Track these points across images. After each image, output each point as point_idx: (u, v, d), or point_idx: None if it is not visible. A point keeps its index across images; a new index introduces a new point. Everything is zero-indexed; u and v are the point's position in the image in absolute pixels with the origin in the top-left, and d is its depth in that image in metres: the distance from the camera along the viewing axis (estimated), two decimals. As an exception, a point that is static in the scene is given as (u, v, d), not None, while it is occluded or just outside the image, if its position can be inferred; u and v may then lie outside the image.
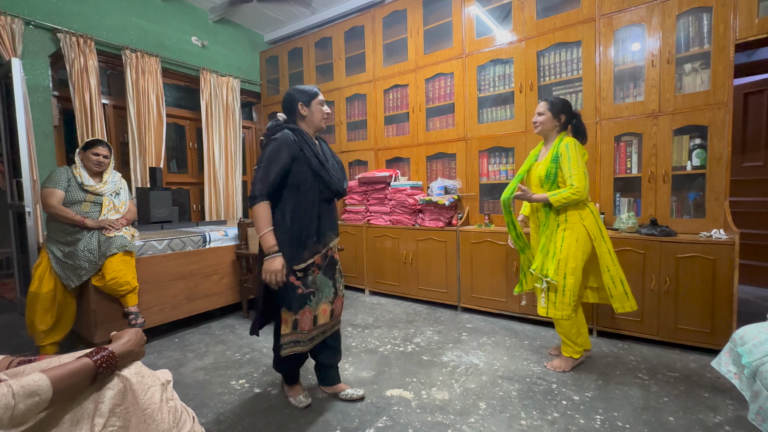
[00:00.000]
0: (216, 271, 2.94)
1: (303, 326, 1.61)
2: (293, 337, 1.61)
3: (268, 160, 1.56)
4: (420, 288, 3.30)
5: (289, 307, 1.58)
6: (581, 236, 1.95)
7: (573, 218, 1.96)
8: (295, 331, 1.60)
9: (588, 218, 1.97)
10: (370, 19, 3.74)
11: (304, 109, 1.65)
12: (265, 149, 1.60)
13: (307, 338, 1.64)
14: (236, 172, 4.36)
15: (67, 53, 3.08)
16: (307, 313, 1.61)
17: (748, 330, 1.27)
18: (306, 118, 1.67)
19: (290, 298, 1.58)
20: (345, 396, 1.83)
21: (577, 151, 1.94)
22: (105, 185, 2.40)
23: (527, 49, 2.90)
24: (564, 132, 2.07)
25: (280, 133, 1.61)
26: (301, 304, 1.60)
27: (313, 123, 1.68)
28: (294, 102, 1.65)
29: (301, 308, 1.60)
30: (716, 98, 2.29)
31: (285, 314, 1.59)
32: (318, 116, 1.67)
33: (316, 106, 1.67)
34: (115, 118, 3.67)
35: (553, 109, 2.03)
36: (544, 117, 2.04)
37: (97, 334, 2.29)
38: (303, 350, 1.64)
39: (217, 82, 4.16)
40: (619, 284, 1.97)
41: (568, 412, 1.71)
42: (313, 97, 1.66)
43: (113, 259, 2.20)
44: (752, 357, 1.17)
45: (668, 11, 2.40)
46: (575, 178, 1.89)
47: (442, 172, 3.51)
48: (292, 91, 1.66)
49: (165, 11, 3.88)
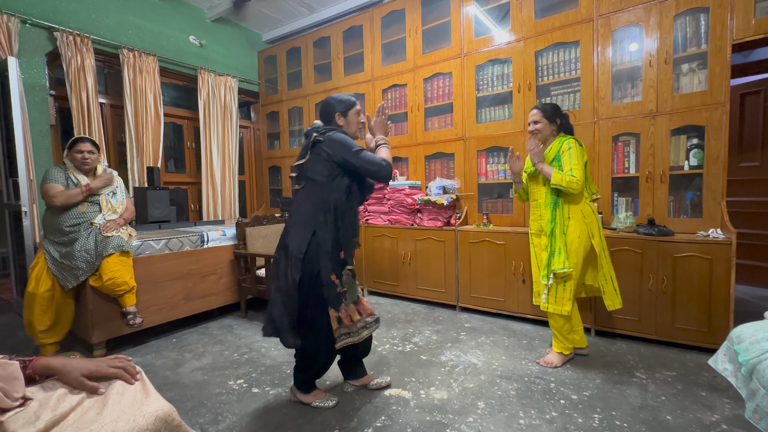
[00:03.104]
0: (214, 271, 2.93)
1: (346, 322, 1.65)
2: (343, 330, 1.65)
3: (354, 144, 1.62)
4: (418, 288, 3.30)
5: (333, 304, 1.62)
6: (583, 233, 2.01)
7: (576, 215, 2.02)
8: (341, 325, 1.64)
9: (589, 216, 2.03)
10: (368, 19, 3.74)
11: (341, 119, 1.71)
12: (331, 142, 1.61)
13: (355, 329, 1.67)
14: (234, 172, 4.35)
15: (64, 52, 3.07)
16: (344, 310, 1.65)
17: (745, 328, 1.28)
18: (342, 128, 1.71)
19: (333, 296, 1.62)
20: (374, 385, 1.92)
21: (577, 151, 2.00)
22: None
23: (525, 49, 2.90)
24: (562, 133, 2.12)
25: (334, 131, 1.65)
26: (340, 301, 1.64)
27: (348, 132, 1.72)
28: (332, 111, 1.70)
29: (340, 305, 1.64)
30: (713, 98, 2.30)
31: (331, 312, 1.62)
32: (354, 126, 1.73)
33: (353, 117, 1.72)
34: (112, 118, 3.65)
35: (547, 115, 2.09)
36: (541, 125, 2.09)
37: (95, 335, 2.28)
38: (354, 341, 1.67)
39: (215, 82, 4.15)
40: (610, 282, 2.06)
41: (567, 412, 1.72)
42: (351, 107, 1.72)
43: (110, 259, 2.18)
44: (749, 355, 1.18)
45: (666, 12, 2.41)
46: (575, 171, 1.95)
47: (440, 172, 3.52)
48: (330, 100, 1.72)
49: (163, 10, 3.87)
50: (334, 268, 1.61)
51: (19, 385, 0.81)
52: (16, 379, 0.81)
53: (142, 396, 0.87)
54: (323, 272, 1.59)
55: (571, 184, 1.94)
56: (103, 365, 0.89)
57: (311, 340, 1.68)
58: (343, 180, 1.64)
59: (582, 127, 2.70)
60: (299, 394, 1.81)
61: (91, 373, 0.88)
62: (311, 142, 1.65)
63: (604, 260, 2.05)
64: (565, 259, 1.97)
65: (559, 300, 2.01)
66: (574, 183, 1.94)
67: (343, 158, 1.60)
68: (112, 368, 0.89)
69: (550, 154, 2.07)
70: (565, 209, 2.03)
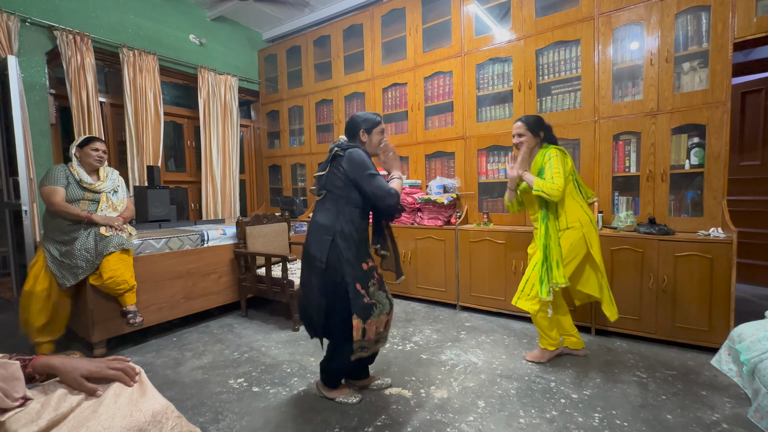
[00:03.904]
0: (214, 270, 2.93)
1: (369, 335, 1.67)
2: (361, 344, 1.67)
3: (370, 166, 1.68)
4: (419, 287, 3.30)
5: (359, 314, 1.63)
6: (576, 242, 2.02)
7: (574, 224, 2.03)
8: (363, 339, 1.65)
9: (587, 226, 2.04)
10: (368, 18, 3.73)
11: (365, 135, 1.78)
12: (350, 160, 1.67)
13: (372, 343, 1.71)
14: (234, 171, 4.34)
15: (64, 51, 3.06)
16: (372, 323, 1.66)
17: (746, 327, 1.28)
18: (365, 144, 1.79)
19: (359, 306, 1.62)
20: (376, 386, 1.95)
21: (559, 159, 2.00)
22: (103, 183, 2.39)
23: (526, 48, 2.89)
24: (545, 144, 2.12)
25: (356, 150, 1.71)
26: (368, 314, 1.65)
27: (370, 149, 1.80)
28: (357, 128, 1.78)
29: (369, 318, 1.65)
30: (714, 97, 2.29)
31: (356, 321, 1.63)
32: (375, 143, 1.80)
33: (376, 135, 1.79)
34: (112, 117, 3.65)
35: (531, 127, 2.10)
36: (525, 138, 2.10)
37: (95, 333, 2.28)
38: (366, 355, 1.72)
39: (215, 81, 4.15)
40: (606, 291, 2.09)
41: (567, 411, 1.71)
42: (375, 125, 1.79)
43: (110, 258, 2.18)
44: (750, 354, 1.18)
45: (667, 10, 2.40)
46: (555, 178, 1.96)
47: (440, 171, 3.51)
48: (356, 118, 1.80)
49: (162, 9, 3.86)
50: (358, 278, 1.64)
51: (19, 385, 0.81)
52: (17, 379, 0.81)
53: (139, 394, 0.87)
54: (347, 279, 1.63)
55: (551, 191, 1.95)
56: (102, 366, 0.89)
57: (335, 342, 1.75)
58: (356, 194, 1.70)
59: (582, 126, 2.69)
60: (324, 390, 1.86)
61: (91, 374, 0.87)
62: (332, 155, 1.74)
63: (601, 269, 2.07)
64: (564, 272, 1.98)
65: (534, 299, 2.04)
66: (554, 190, 1.94)
67: (355, 178, 1.67)
68: (111, 370, 0.89)
69: (535, 166, 2.09)
70: (561, 220, 2.05)
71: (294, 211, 4.15)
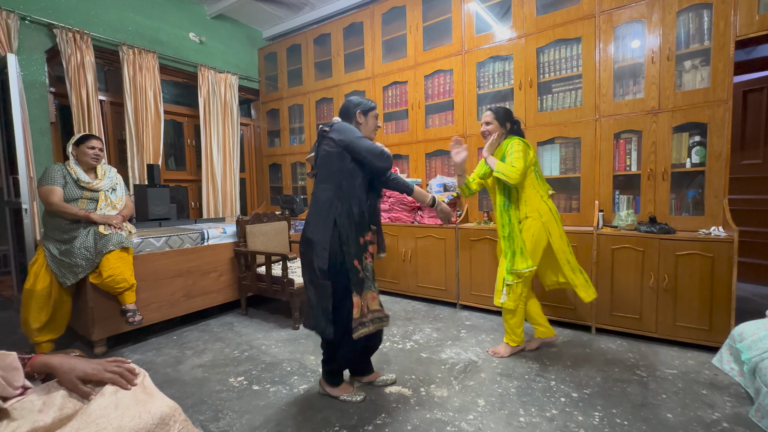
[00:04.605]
0: (214, 268, 2.93)
1: (365, 310, 1.69)
2: (360, 321, 1.67)
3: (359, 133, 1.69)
4: (419, 285, 3.30)
5: (357, 289, 1.66)
6: (537, 232, 2.09)
7: (533, 215, 2.10)
8: (362, 314, 1.67)
9: (546, 215, 2.10)
10: (369, 16, 3.72)
11: (361, 117, 1.80)
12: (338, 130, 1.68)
13: (369, 320, 1.71)
14: (234, 170, 4.34)
15: (64, 49, 3.06)
16: (368, 295, 1.70)
17: (747, 327, 1.27)
18: (361, 126, 1.80)
19: (356, 281, 1.66)
20: (380, 382, 1.95)
21: (521, 147, 2.06)
22: (101, 181, 2.39)
23: (527, 46, 2.88)
24: (510, 136, 2.18)
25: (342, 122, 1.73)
26: (362, 287, 1.68)
27: (365, 131, 1.80)
28: (352, 109, 1.80)
29: (363, 291, 1.68)
30: (716, 95, 2.28)
31: (355, 298, 1.66)
32: (371, 127, 1.83)
33: (371, 119, 1.82)
34: (112, 115, 3.64)
35: (498, 117, 2.17)
36: (492, 126, 2.17)
37: (95, 332, 2.28)
38: (368, 331, 1.69)
39: (215, 79, 4.14)
40: (579, 274, 2.13)
41: (567, 409, 1.71)
42: (370, 109, 1.82)
43: (110, 257, 2.18)
44: (751, 353, 1.17)
45: (668, 8, 2.39)
46: (515, 162, 2.02)
47: (441, 170, 3.50)
48: (351, 100, 1.82)
49: (162, 7, 3.85)
50: (356, 254, 1.66)
51: (18, 374, 0.81)
52: (15, 369, 0.81)
53: (146, 396, 0.86)
54: (347, 258, 1.64)
55: (510, 172, 2.00)
56: (100, 368, 0.88)
57: (336, 329, 1.71)
58: (353, 165, 1.69)
59: (583, 124, 2.69)
60: (327, 387, 1.85)
61: (87, 377, 0.86)
62: (320, 134, 1.77)
63: (569, 255, 2.12)
64: (527, 258, 2.06)
65: (515, 297, 2.10)
66: (513, 172, 2.00)
67: (346, 143, 1.66)
68: (108, 373, 0.88)
69: (499, 153, 2.15)
70: (521, 209, 2.12)
71: (294, 209, 4.14)
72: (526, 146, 2.10)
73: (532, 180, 2.12)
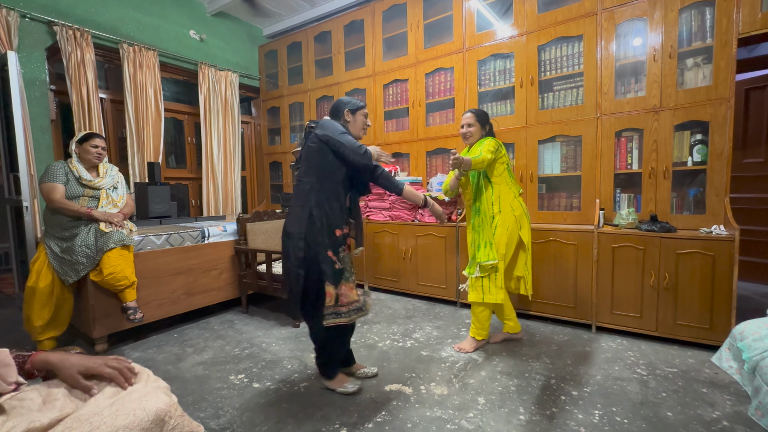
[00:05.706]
0: (215, 266, 2.94)
1: (343, 300, 1.72)
2: (334, 309, 1.71)
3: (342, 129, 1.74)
4: (419, 284, 3.30)
5: (331, 280, 1.69)
6: (511, 225, 2.18)
7: (506, 209, 2.18)
8: (337, 304, 1.71)
9: (518, 209, 2.21)
10: (369, 13, 3.71)
11: (349, 115, 1.85)
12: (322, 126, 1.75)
13: (346, 311, 1.73)
14: (235, 168, 4.34)
15: (64, 46, 3.05)
16: (344, 287, 1.72)
17: (748, 325, 1.27)
18: (349, 124, 1.85)
19: (331, 272, 1.69)
20: (362, 374, 1.99)
21: (492, 143, 2.14)
22: (103, 179, 2.39)
23: (528, 44, 2.87)
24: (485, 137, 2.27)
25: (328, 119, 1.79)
26: (339, 278, 1.71)
27: (354, 129, 1.86)
28: (341, 108, 1.85)
29: (339, 282, 1.71)
30: (718, 94, 2.27)
31: (329, 288, 1.69)
32: (359, 125, 1.87)
33: (360, 117, 1.87)
34: (112, 113, 3.64)
35: (480, 119, 2.27)
36: (474, 128, 2.27)
37: (96, 329, 2.29)
38: (343, 322, 1.72)
39: (215, 77, 4.14)
40: (529, 271, 2.29)
41: (567, 407, 1.72)
42: (359, 108, 1.87)
43: (111, 254, 2.19)
44: (752, 352, 1.17)
45: (670, 5, 2.38)
46: (484, 153, 2.09)
47: (442, 168, 3.50)
48: (340, 99, 1.88)
49: (162, 4, 3.84)
50: (331, 245, 1.71)
51: (10, 371, 0.81)
52: (7, 365, 0.81)
53: (142, 394, 0.86)
54: (320, 249, 1.69)
55: (477, 159, 2.05)
56: (100, 363, 0.88)
57: (317, 320, 1.76)
58: (334, 160, 1.73)
59: (585, 122, 2.68)
60: (324, 380, 1.90)
61: (88, 371, 0.87)
62: (306, 130, 1.82)
63: (530, 252, 2.26)
64: (490, 251, 2.13)
65: (493, 291, 2.15)
66: (479, 159, 2.05)
67: (327, 138, 1.71)
68: (108, 368, 0.88)
69: (474, 151, 2.21)
70: (496, 205, 2.19)
71: (295, 207, 4.14)
72: (499, 144, 2.20)
73: (505, 177, 2.22)
